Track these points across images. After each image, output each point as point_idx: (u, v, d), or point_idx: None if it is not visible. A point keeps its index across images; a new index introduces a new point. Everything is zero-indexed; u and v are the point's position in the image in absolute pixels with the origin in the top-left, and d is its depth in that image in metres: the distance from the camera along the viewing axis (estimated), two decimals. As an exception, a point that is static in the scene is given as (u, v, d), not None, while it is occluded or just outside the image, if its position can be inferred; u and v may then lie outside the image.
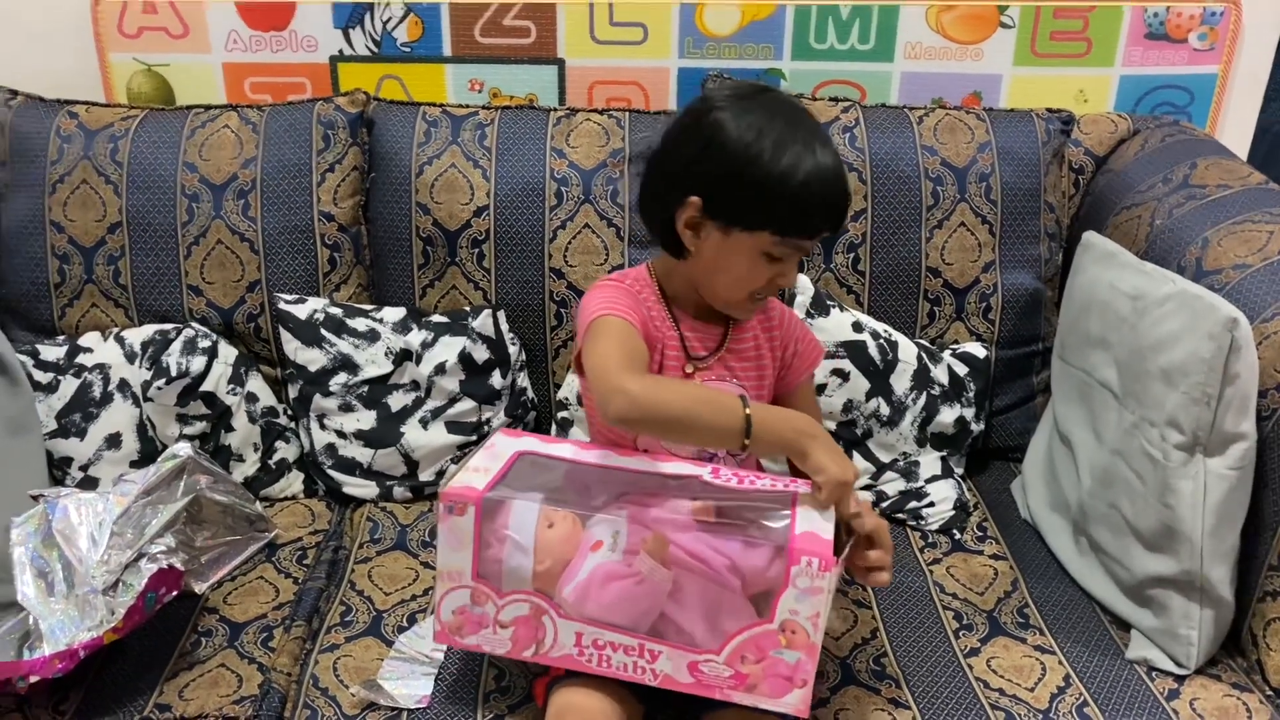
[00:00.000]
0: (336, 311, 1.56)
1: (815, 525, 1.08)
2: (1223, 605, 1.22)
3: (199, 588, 1.34)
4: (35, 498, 1.29)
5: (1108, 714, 1.18)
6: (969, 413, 1.56)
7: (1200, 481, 1.19)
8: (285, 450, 1.56)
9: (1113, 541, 1.32)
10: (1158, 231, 1.52)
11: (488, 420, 1.55)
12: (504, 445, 1.18)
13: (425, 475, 1.54)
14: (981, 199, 1.59)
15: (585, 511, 1.14)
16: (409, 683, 1.20)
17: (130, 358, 1.51)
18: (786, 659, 1.08)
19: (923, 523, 1.49)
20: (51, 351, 1.52)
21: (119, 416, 1.49)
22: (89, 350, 1.52)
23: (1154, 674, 1.24)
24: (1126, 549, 1.29)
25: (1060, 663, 1.25)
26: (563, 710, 1.12)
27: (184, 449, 1.35)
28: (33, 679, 1.10)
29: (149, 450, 1.49)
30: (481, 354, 1.54)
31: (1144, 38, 1.78)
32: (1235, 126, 1.89)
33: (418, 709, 1.17)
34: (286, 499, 1.55)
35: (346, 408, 1.53)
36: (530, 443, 1.19)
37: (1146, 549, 1.26)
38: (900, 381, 1.53)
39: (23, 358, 1.50)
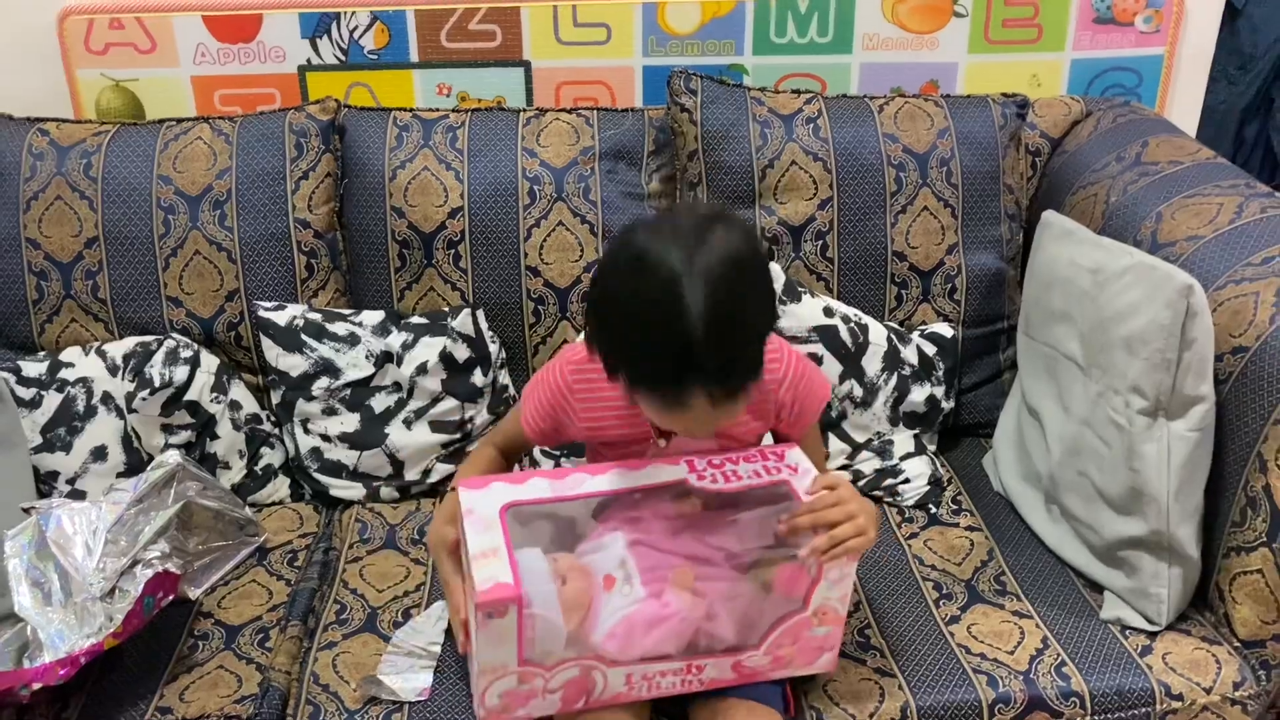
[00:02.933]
0: (316, 317, 1.57)
1: None
2: (1190, 563, 1.27)
3: (193, 593, 1.36)
4: (27, 510, 1.30)
5: (1085, 671, 1.23)
6: (939, 391, 1.61)
7: (1164, 444, 1.24)
8: (270, 456, 1.58)
9: (1083, 508, 1.37)
10: (1113, 208, 1.57)
11: (470, 418, 1.58)
12: (483, 507, 1.11)
13: (411, 474, 1.56)
14: (943, 183, 1.64)
15: (586, 548, 1.17)
16: (409, 676, 1.22)
17: (112, 370, 1.52)
18: (819, 634, 1.15)
19: (899, 499, 1.53)
20: (33, 367, 1.53)
21: (104, 429, 1.50)
22: (70, 365, 1.53)
23: (1127, 632, 1.28)
24: (1096, 514, 1.34)
25: (1038, 626, 1.30)
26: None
27: (173, 457, 1.37)
28: (35, 686, 1.11)
29: (135, 461, 1.50)
30: (462, 353, 1.57)
31: (1092, 22, 1.84)
32: (1183, 105, 1.95)
33: (419, 701, 1.20)
34: (274, 504, 1.56)
35: (330, 411, 1.55)
36: (501, 490, 1.14)
37: (1116, 512, 1.31)
38: (871, 363, 1.57)
39: (4, 374, 1.50)
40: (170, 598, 1.23)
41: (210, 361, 1.56)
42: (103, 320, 1.59)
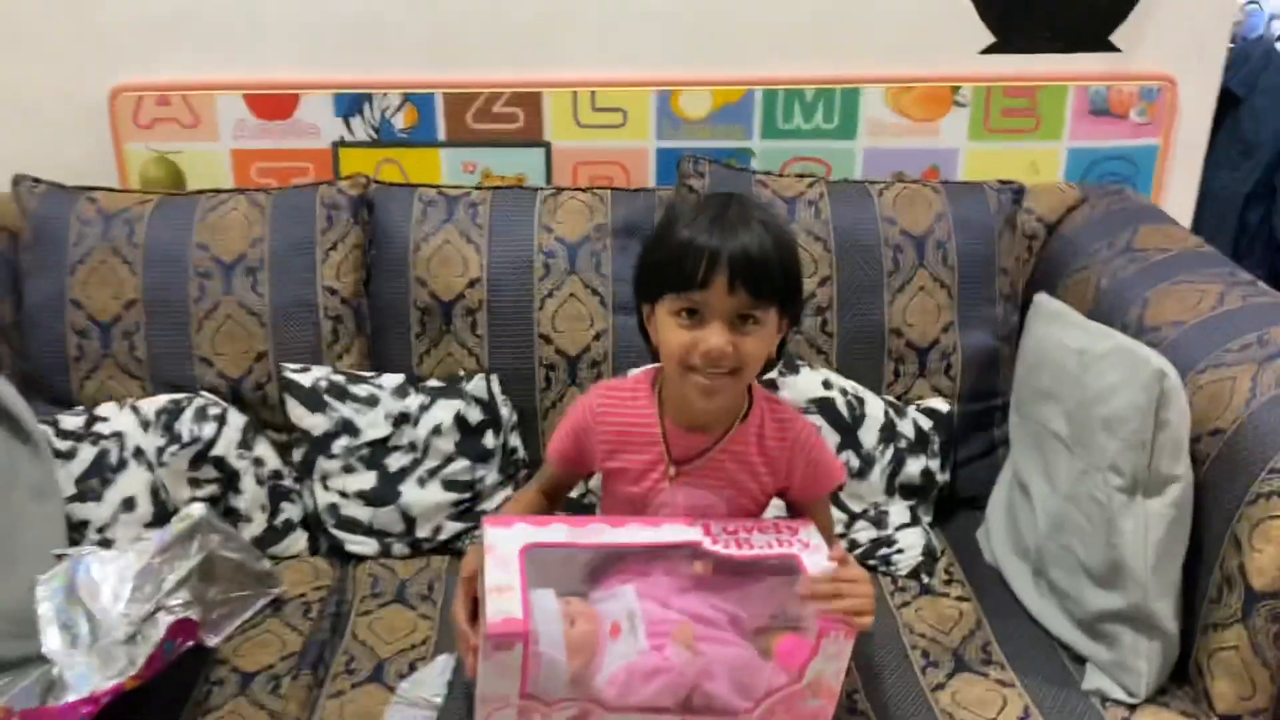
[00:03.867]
0: (339, 379, 1.66)
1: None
2: (1168, 638, 1.31)
3: (211, 640, 1.42)
4: (59, 556, 1.38)
5: (1064, 741, 1.27)
6: (934, 464, 1.67)
7: (1141, 521, 1.29)
8: (290, 510, 1.65)
9: (1067, 580, 1.41)
10: (1104, 292, 1.64)
11: (481, 478, 1.65)
12: (505, 546, 1.19)
13: (422, 532, 1.63)
14: (939, 265, 1.71)
15: (598, 595, 1.24)
16: (410, 725, 1.28)
17: (145, 425, 1.61)
18: (811, 705, 1.19)
19: (893, 568, 1.58)
20: (71, 421, 1.62)
21: (134, 481, 1.58)
22: (106, 419, 1.62)
23: (1108, 703, 1.32)
24: (1080, 587, 1.39)
25: (1020, 694, 1.33)
26: None
27: (198, 510, 1.44)
28: (61, 723, 1.18)
29: (162, 513, 1.58)
30: (475, 416, 1.64)
31: (1088, 113, 1.92)
32: (1178, 192, 2.03)
33: (420, 749, 1.25)
34: (291, 557, 1.63)
35: (348, 469, 1.63)
36: (523, 532, 1.21)
37: (1097, 586, 1.36)
38: (869, 435, 1.63)
39: (44, 427, 1.59)
40: (190, 643, 1.30)
41: (237, 419, 1.64)
42: (138, 377, 1.68)
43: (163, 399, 1.64)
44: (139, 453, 1.59)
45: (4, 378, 1.55)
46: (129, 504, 1.58)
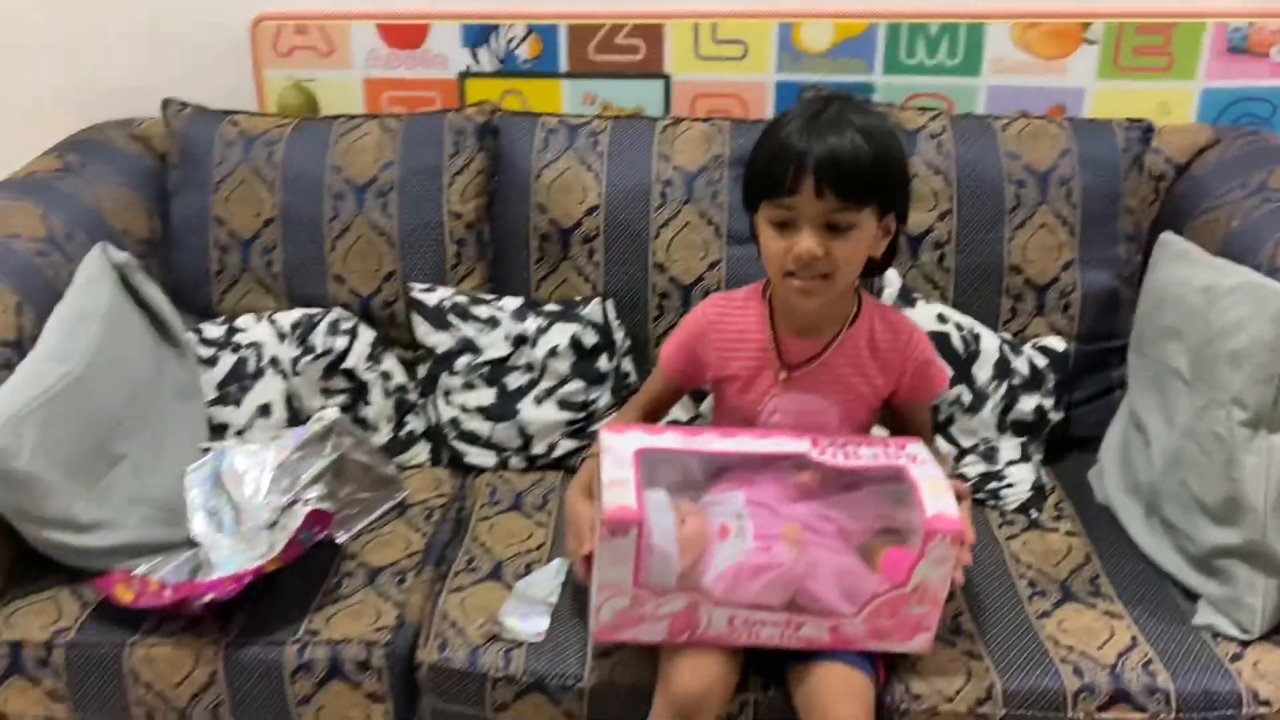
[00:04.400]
0: (462, 300, 1.72)
1: (944, 504, 1.19)
2: (1285, 575, 1.29)
3: (340, 537, 1.50)
4: (204, 450, 1.47)
5: (1172, 671, 1.26)
6: (1048, 403, 1.65)
7: (1264, 456, 1.27)
8: (414, 423, 1.73)
9: (1182, 518, 1.40)
10: (1234, 233, 1.60)
11: (594, 400, 1.70)
12: (621, 447, 1.24)
13: (538, 448, 1.69)
14: (1062, 202, 1.69)
15: (708, 499, 1.28)
16: (528, 619, 1.34)
17: (281, 337, 1.70)
18: (916, 612, 1.21)
19: (1001, 502, 1.58)
20: (212, 330, 1.72)
21: (270, 389, 1.67)
22: (244, 330, 1.71)
23: (1219, 639, 1.31)
24: (1195, 524, 1.37)
25: (1128, 626, 1.33)
26: (672, 665, 1.24)
27: (332, 413, 1.52)
28: (207, 599, 1.27)
29: (295, 419, 1.66)
30: (590, 340, 1.69)
31: (1226, 52, 1.86)
32: (1318, 137, 1.94)
33: (536, 641, 1.32)
34: (415, 466, 1.71)
35: (469, 386, 1.69)
36: (639, 438, 1.27)
37: (1213, 522, 1.34)
38: (982, 371, 1.63)
39: (189, 334, 1.69)
40: (324, 533, 1.38)
41: (367, 334, 1.72)
42: (274, 292, 1.77)
43: (298, 312, 1.73)
44: (275, 362, 1.68)
45: (157, 285, 1.65)
46: (265, 410, 1.67)
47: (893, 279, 1.66)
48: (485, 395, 1.69)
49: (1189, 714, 1.24)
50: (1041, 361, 1.66)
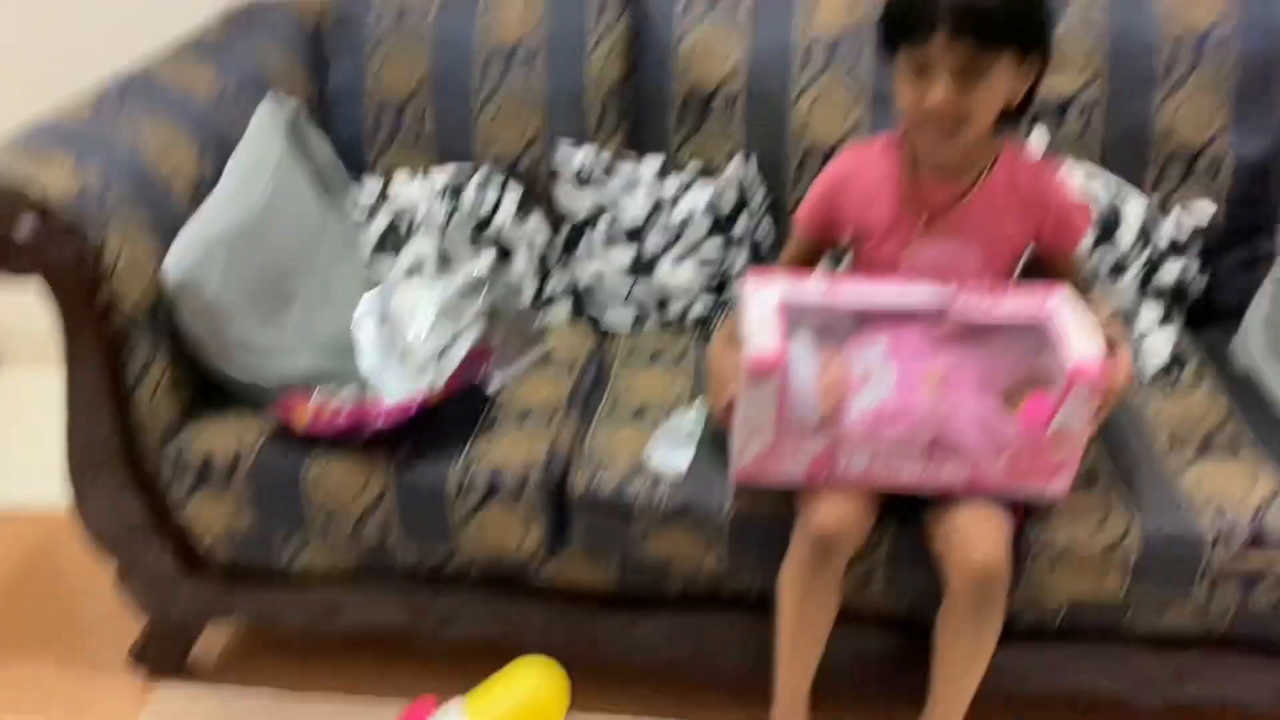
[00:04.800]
0: (604, 162, 1.77)
1: (1087, 349, 1.21)
2: None
3: (493, 382, 1.59)
4: (370, 290, 1.56)
5: (1317, 521, 1.27)
6: (1191, 270, 1.63)
7: None
8: (555, 283, 1.80)
9: (1333, 377, 1.38)
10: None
11: (731, 261, 1.74)
12: (765, 295, 1.29)
13: (675, 308, 1.74)
14: (1219, 66, 1.64)
15: (849, 347, 1.32)
16: (671, 455, 1.41)
17: (433, 196, 1.77)
18: (1056, 457, 1.24)
19: (1139, 367, 1.58)
20: (368, 188, 1.80)
21: (423, 245, 1.75)
22: (398, 190, 1.79)
23: (1367, 495, 1.31)
24: (1347, 382, 1.36)
25: (1270, 479, 1.34)
26: (811, 504, 1.29)
27: (485, 264, 1.60)
28: (378, 424, 1.36)
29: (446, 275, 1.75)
30: (729, 201, 1.72)
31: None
32: None
33: (679, 476, 1.38)
34: (555, 326, 1.78)
35: (609, 246, 1.75)
36: (783, 287, 1.31)
37: (1367, 378, 1.33)
38: (1125, 236, 1.62)
39: (349, 190, 1.78)
40: (484, 370, 1.46)
41: (513, 194, 1.78)
42: (425, 154, 1.84)
43: (449, 173, 1.80)
44: (427, 221, 1.76)
45: (325, 140, 1.74)
46: (417, 266, 1.75)
47: (1037, 141, 1.65)
48: (624, 256, 1.74)
49: (1331, 560, 1.25)
50: (1187, 229, 1.64)
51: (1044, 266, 1.40)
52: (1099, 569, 1.29)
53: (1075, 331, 1.23)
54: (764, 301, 1.28)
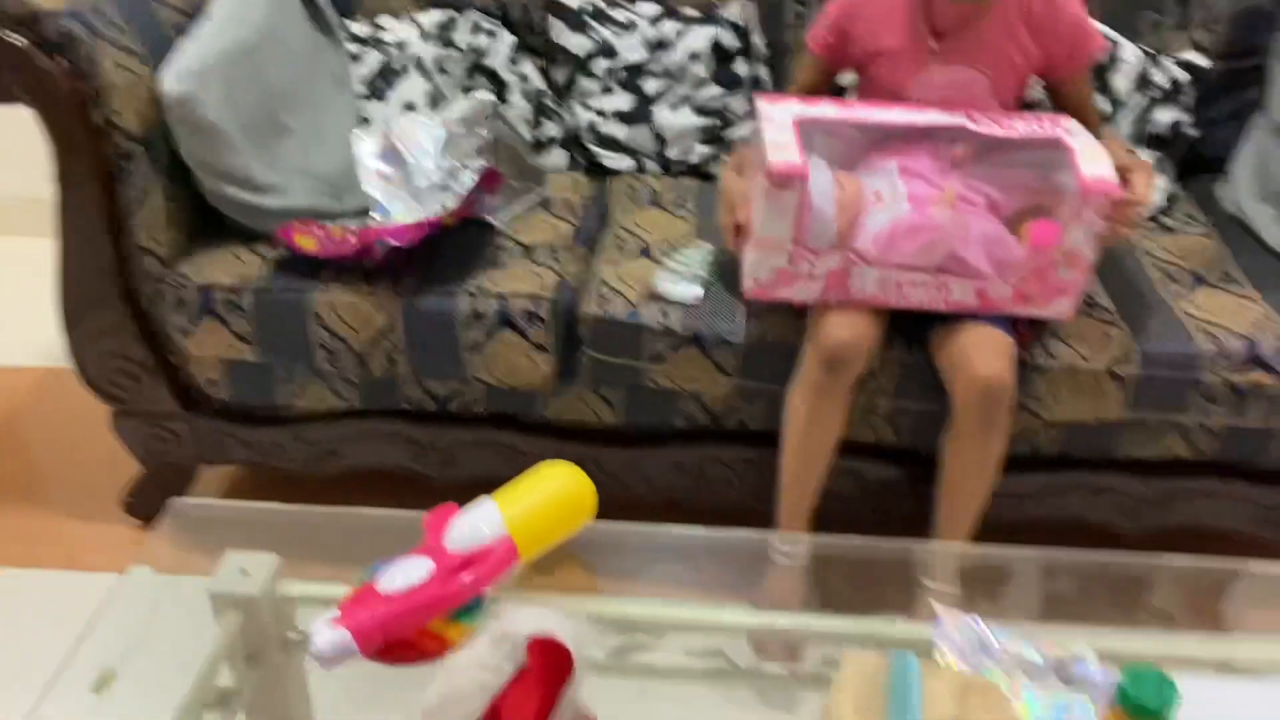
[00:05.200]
0: (601, 3, 1.73)
1: (1100, 169, 1.22)
2: None
3: (493, 220, 1.57)
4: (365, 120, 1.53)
5: (1306, 340, 1.32)
6: (1184, 117, 1.66)
7: None
8: (551, 128, 1.77)
9: (1322, 211, 1.43)
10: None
11: (730, 107, 1.73)
12: (781, 115, 1.29)
13: (673, 153, 1.73)
14: (1216, -89, 1.65)
15: (863, 168, 1.32)
16: (682, 286, 1.41)
17: (424, 37, 1.73)
18: (1064, 276, 1.26)
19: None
20: (357, 28, 1.75)
21: (413, 87, 1.71)
22: (388, 29, 1.74)
23: (1352, 318, 1.36)
24: (1336, 213, 1.40)
25: (1261, 307, 1.39)
26: (822, 320, 1.31)
27: (488, 96, 1.57)
28: (391, 243, 1.35)
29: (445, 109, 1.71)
30: (729, 43, 1.71)
31: None
32: None
33: (695, 300, 1.39)
34: (552, 170, 1.76)
35: (606, 90, 1.73)
36: (796, 108, 1.32)
37: (1356, 208, 1.37)
38: (1122, 81, 1.63)
39: (339, 27, 1.72)
40: (494, 193, 1.44)
41: (507, 36, 1.74)
42: (415, -5, 1.80)
43: (439, 13, 1.75)
44: (418, 61, 1.72)
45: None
46: (409, 106, 1.72)
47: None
48: (622, 100, 1.72)
49: (1320, 377, 1.30)
50: (1181, 76, 1.66)
51: (1058, 96, 1.41)
52: (1100, 389, 1.33)
53: (1087, 151, 1.25)
54: (780, 119, 1.28)
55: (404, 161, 1.46)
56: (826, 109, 1.33)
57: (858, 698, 0.84)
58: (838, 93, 1.60)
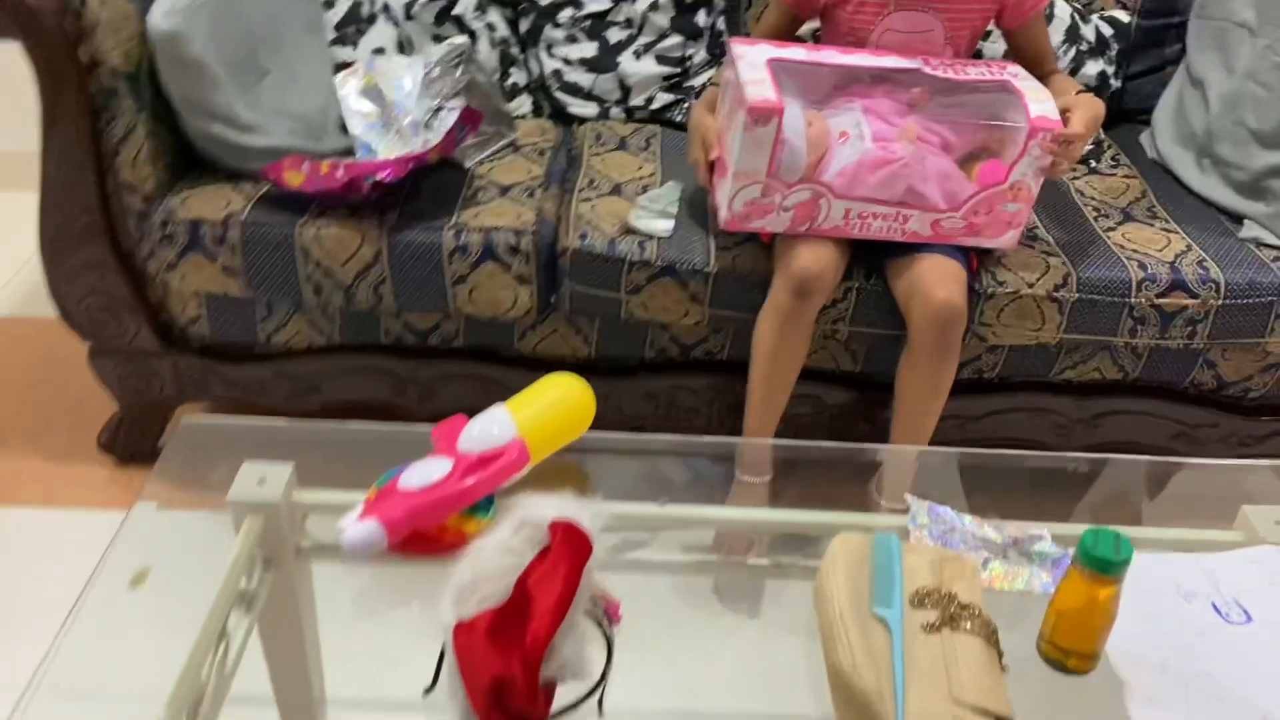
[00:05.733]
0: (565, -46, 1.80)
1: (1046, 108, 1.33)
2: (1327, 189, 1.48)
3: (467, 162, 1.63)
4: (348, 64, 1.57)
5: (1222, 267, 1.46)
6: (1110, 70, 1.79)
7: (1324, 77, 1.43)
8: (517, 76, 1.83)
9: (1233, 152, 1.57)
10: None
11: (691, 56, 1.80)
12: (754, 55, 1.38)
13: (636, 100, 1.81)
14: (1139, -122, 1.77)
15: (830, 109, 1.42)
16: (655, 221, 1.49)
17: (392, -16, 1.77)
18: (1010, 209, 1.37)
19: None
20: (327, -26, 1.78)
21: (383, 34, 1.76)
22: (356, -22, 1.78)
23: (1262, 248, 1.51)
24: (1247, 154, 1.54)
25: (1183, 238, 1.52)
26: (791, 250, 1.40)
27: (464, 40, 1.62)
28: (378, 176, 1.40)
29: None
30: (690, -6, 1.79)
31: None
32: None
33: (665, 237, 1.47)
34: (519, 117, 1.82)
35: (571, 39, 1.79)
36: (768, 50, 1.40)
37: (1264, 147, 1.52)
38: (1055, 35, 1.76)
39: (306, -24, 1.75)
40: (475, 131, 1.50)
41: (474, -16, 1.80)
42: (381, -56, 1.83)
43: (407, -39, 1.79)
44: (387, 8, 1.76)
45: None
46: (379, 52, 1.76)
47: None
48: (587, 48, 1.79)
49: (1235, 300, 1.44)
50: (1107, 30, 1.79)
51: (1015, 44, 1.52)
52: (1040, 313, 1.45)
53: (1033, 92, 1.36)
54: (754, 60, 1.36)
55: (386, 100, 1.51)
56: (796, 52, 1.42)
57: (847, 571, 0.93)
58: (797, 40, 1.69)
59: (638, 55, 1.79)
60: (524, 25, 1.83)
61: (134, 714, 0.82)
